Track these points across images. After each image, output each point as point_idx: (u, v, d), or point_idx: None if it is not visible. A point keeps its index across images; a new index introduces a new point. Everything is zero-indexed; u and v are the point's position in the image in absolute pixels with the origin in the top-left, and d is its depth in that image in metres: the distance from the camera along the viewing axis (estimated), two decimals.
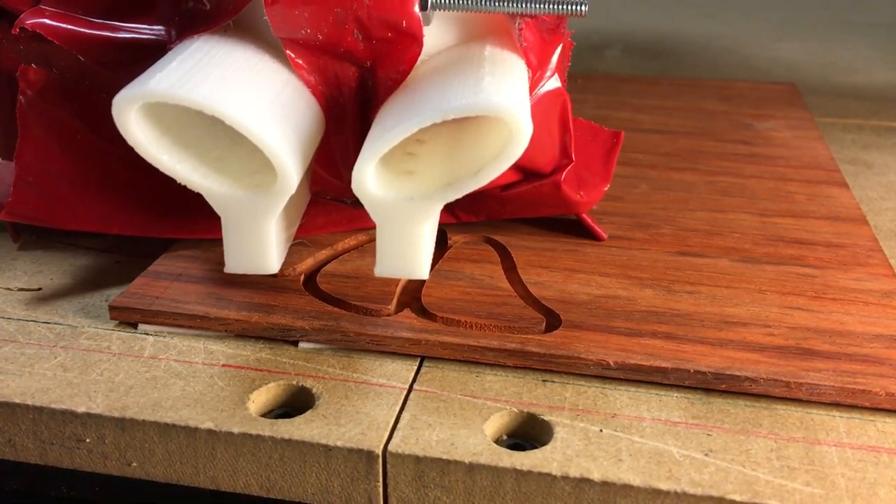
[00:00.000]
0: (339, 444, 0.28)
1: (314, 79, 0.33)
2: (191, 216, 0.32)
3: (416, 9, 0.31)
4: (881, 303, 0.35)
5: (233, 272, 0.33)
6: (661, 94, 0.63)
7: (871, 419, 0.30)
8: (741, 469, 0.27)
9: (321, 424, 0.29)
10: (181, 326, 0.34)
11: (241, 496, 0.30)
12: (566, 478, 0.27)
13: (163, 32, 0.35)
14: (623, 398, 0.30)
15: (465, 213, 0.41)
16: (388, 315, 0.34)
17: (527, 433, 0.30)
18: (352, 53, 0.32)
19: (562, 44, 0.37)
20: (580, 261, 0.38)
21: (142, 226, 0.38)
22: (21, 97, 0.35)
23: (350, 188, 0.30)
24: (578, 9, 0.33)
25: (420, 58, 0.33)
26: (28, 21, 0.34)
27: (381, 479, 0.28)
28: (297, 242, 0.38)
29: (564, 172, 0.39)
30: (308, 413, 0.30)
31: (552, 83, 0.36)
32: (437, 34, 0.34)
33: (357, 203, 0.31)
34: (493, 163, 0.30)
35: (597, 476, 0.27)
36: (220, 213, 0.31)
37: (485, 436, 0.29)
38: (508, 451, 0.28)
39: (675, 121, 0.57)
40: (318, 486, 0.29)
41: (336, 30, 0.31)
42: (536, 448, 0.28)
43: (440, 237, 0.40)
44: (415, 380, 0.32)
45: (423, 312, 0.34)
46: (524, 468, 0.27)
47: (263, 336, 0.34)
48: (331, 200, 0.38)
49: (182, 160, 0.31)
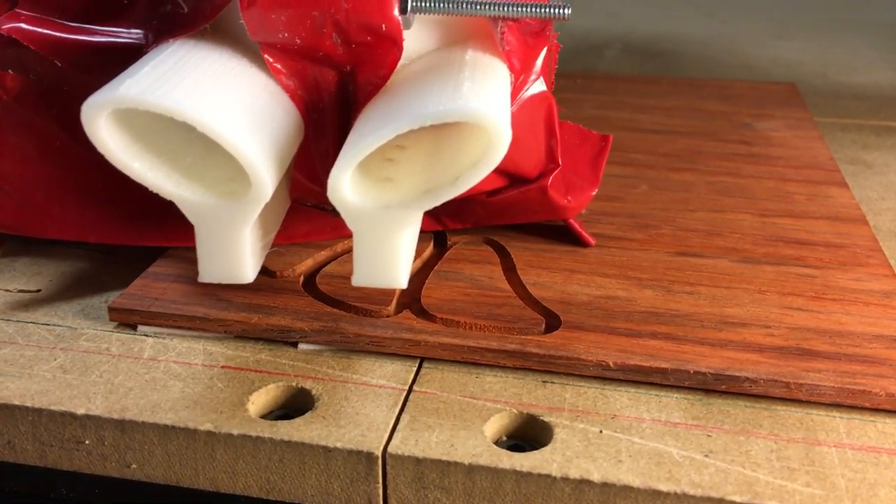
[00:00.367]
0: (339, 446, 0.28)
1: (293, 83, 0.32)
2: (170, 224, 0.31)
3: (396, 12, 0.31)
4: (881, 303, 0.35)
5: (207, 281, 0.32)
6: (661, 94, 0.62)
7: (872, 420, 0.30)
8: (741, 470, 0.27)
9: (321, 426, 0.29)
10: (180, 328, 0.34)
11: (241, 498, 0.30)
12: (566, 479, 0.27)
13: (141, 36, 0.34)
14: (623, 399, 0.30)
15: (452, 220, 0.40)
16: (388, 316, 0.34)
17: (526, 434, 0.30)
18: (331, 58, 0.32)
19: (546, 47, 0.36)
20: (580, 261, 0.38)
21: (120, 234, 0.38)
22: None
23: None
24: (561, 12, 0.32)
25: (401, 62, 0.32)
26: (4, 26, 0.33)
27: (381, 481, 0.28)
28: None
29: (551, 177, 0.38)
30: (308, 414, 0.30)
31: (537, 87, 0.36)
32: (418, 38, 0.33)
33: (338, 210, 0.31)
34: (472, 170, 0.29)
35: (597, 477, 0.27)
36: (193, 222, 0.31)
37: (484, 437, 0.29)
38: (508, 453, 0.28)
39: (675, 121, 0.57)
40: (318, 488, 0.29)
41: (314, 34, 0.31)
42: (536, 449, 0.28)
43: (440, 238, 0.40)
44: (414, 381, 0.31)
45: (423, 313, 0.34)
46: (524, 469, 0.27)
47: (263, 337, 0.34)
48: (311, 207, 0.37)
49: (154, 167, 0.30)
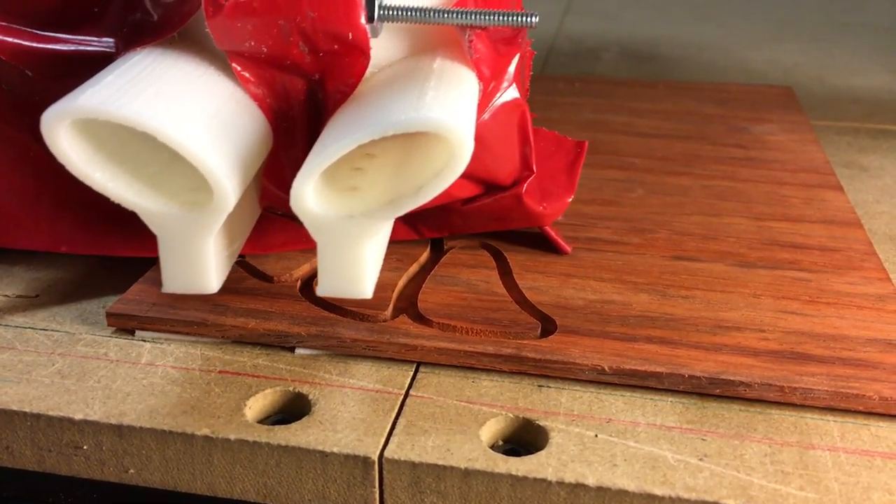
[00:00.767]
0: (336, 451, 0.28)
1: (261, 92, 0.32)
2: (142, 235, 0.31)
3: (363, 21, 0.30)
4: (875, 307, 0.35)
5: (170, 292, 0.31)
6: (657, 98, 0.63)
7: (865, 423, 0.30)
8: (735, 474, 0.27)
9: (318, 431, 0.29)
10: (178, 333, 0.34)
11: (238, 502, 0.30)
12: (561, 483, 0.27)
13: (112, 44, 0.34)
14: (618, 403, 0.31)
15: (428, 229, 0.40)
16: (384, 321, 0.34)
17: (522, 438, 0.30)
18: (299, 66, 0.31)
19: (519, 54, 0.36)
20: (575, 266, 0.38)
21: (92, 245, 0.37)
22: None
23: None
24: (528, 20, 0.32)
25: (369, 70, 0.32)
26: None
27: (378, 485, 0.28)
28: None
29: (526, 184, 0.38)
30: (305, 419, 0.30)
31: (509, 94, 0.35)
32: (387, 46, 0.33)
33: None
34: (435, 180, 0.28)
35: (592, 481, 0.27)
36: (156, 232, 0.30)
37: (480, 441, 0.29)
38: (504, 457, 0.28)
39: (671, 124, 0.57)
40: (315, 493, 0.29)
41: (280, 42, 0.30)
42: (532, 453, 0.28)
43: (436, 242, 0.40)
44: (411, 385, 0.32)
45: (419, 318, 0.34)
46: (520, 474, 0.27)
47: (260, 342, 0.34)
48: (282, 217, 0.37)
49: (115, 177, 0.29)
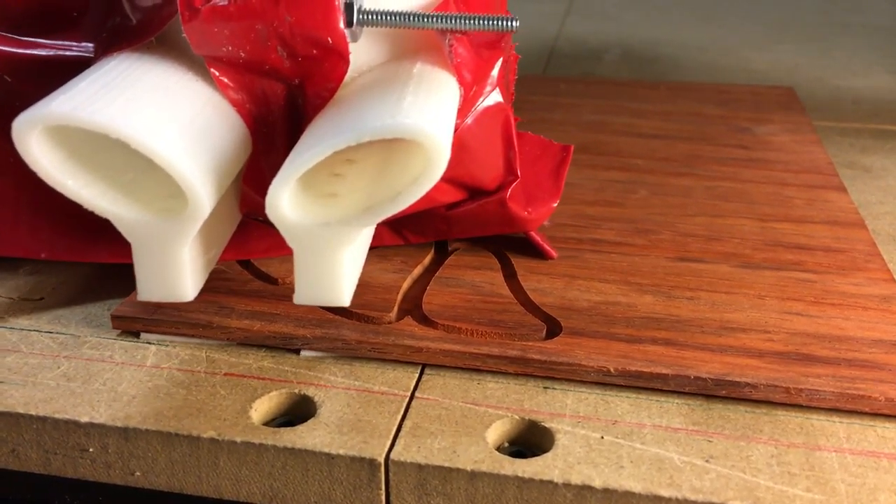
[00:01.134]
0: (342, 453, 0.28)
1: (240, 97, 0.32)
2: (124, 240, 0.31)
3: (341, 25, 0.30)
4: (880, 307, 0.35)
5: (145, 300, 0.31)
6: (659, 99, 0.63)
7: (871, 424, 0.30)
8: (742, 475, 0.27)
9: (323, 433, 0.29)
10: (183, 335, 0.34)
11: None
12: (568, 485, 0.27)
13: (91, 49, 0.33)
14: (624, 405, 0.31)
15: (413, 235, 0.40)
16: (390, 323, 0.34)
17: (528, 440, 0.30)
18: (278, 71, 0.31)
19: (502, 58, 0.35)
20: (580, 267, 0.38)
21: (72, 251, 0.37)
22: None
23: None
24: (508, 25, 0.32)
25: (349, 74, 0.31)
26: None
27: (384, 488, 0.28)
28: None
29: (510, 189, 0.37)
30: (310, 421, 0.30)
31: (493, 98, 0.35)
32: (367, 51, 0.33)
33: None
34: (413, 186, 0.28)
35: (598, 483, 0.27)
36: (130, 239, 0.30)
37: (486, 443, 0.29)
38: (510, 459, 0.28)
39: (673, 125, 0.57)
40: (321, 495, 0.29)
41: (258, 47, 0.30)
42: (538, 455, 0.28)
43: (440, 244, 0.40)
44: (416, 387, 0.32)
45: (425, 320, 0.34)
46: (526, 476, 0.27)
47: (265, 344, 0.34)
48: (262, 223, 0.36)
49: (88, 184, 0.29)
